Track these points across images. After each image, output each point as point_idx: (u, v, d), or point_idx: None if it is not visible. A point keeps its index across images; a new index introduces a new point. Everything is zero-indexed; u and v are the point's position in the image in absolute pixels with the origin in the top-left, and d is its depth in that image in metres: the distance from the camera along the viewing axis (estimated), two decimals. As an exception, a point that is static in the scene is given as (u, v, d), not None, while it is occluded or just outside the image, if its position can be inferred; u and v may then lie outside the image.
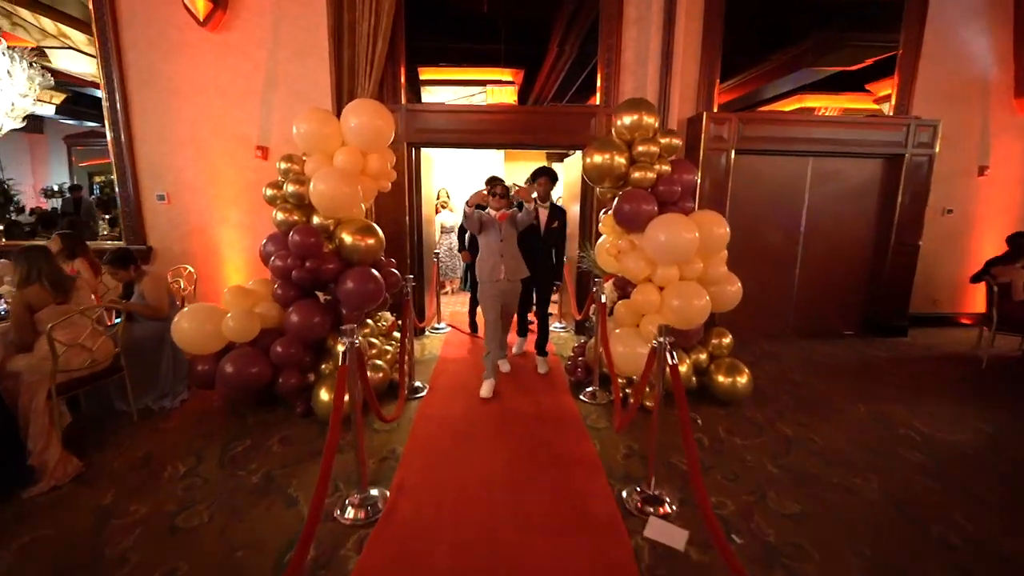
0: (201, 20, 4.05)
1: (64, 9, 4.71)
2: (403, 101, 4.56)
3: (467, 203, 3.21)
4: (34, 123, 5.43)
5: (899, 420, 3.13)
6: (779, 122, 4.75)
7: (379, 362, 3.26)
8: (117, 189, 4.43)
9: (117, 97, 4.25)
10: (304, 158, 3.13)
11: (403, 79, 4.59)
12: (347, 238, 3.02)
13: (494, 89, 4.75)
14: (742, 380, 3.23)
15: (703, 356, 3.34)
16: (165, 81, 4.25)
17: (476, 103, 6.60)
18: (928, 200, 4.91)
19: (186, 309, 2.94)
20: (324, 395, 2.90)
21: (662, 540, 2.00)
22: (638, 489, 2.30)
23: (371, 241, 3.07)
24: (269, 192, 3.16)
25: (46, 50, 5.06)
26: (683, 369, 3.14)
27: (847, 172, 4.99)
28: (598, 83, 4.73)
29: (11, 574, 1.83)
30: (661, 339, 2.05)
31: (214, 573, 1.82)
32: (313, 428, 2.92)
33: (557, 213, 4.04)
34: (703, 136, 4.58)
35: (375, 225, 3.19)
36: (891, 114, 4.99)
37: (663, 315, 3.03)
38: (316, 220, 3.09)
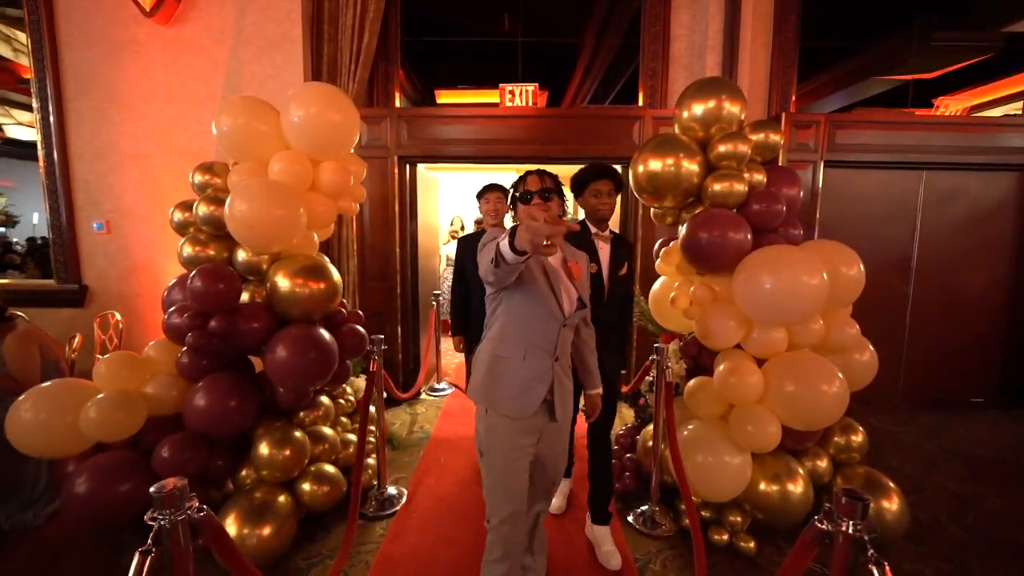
0: (147, 10, 3.28)
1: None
2: (396, 105, 3.66)
3: (519, 234, 1.11)
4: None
5: None
6: (882, 125, 3.62)
7: (328, 467, 2.19)
8: (48, 217, 3.62)
9: (51, 107, 3.49)
10: (231, 167, 2.19)
11: (398, 81, 3.71)
12: (282, 282, 2.03)
13: (511, 91, 3.85)
14: (892, 507, 2.01)
15: (822, 463, 2.15)
16: (105, 87, 3.48)
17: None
18: (1092, 226, 3.65)
19: (37, 387, 1.96)
20: (233, 529, 1.84)
21: None
22: None
23: (317, 286, 2.07)
24: (178, 216, 2.22)
25: None
26: (798, 490, 1.97)
27: (973, 189, 3.78)
28: (640, 83, 3.74)
29: None
30: (843, 524, 0.92)
31: None
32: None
33: (624, 250, 2.01)
34: (783, 145, 3.49)
35: (328, 264, 2.20)
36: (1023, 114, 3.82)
37: (771, 406, 1.89)
38: (242, 256, 2.11)
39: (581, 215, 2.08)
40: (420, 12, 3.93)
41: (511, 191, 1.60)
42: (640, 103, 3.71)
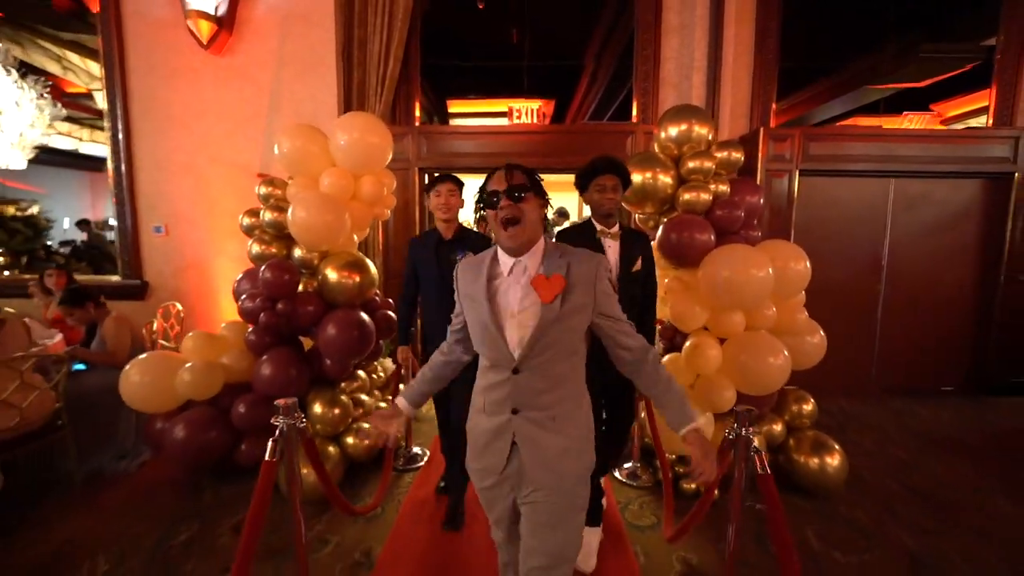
0: (204, 43, 3.80)
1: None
2: (416, 123, 4.15)
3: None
4: (96, 162, 5.39)
5: (1073, 529, 2.24)
6: (852, 138, 4.02)
7: (367, 425, 2.67)
8: (116, 222, 4.16)
9: (119, 125, 4.03)
10: (288, 181, 2.68)
11: (417, 100, 4.19)
12: (331, 274, 2.50)
13: (518, 111, 4.32)
14: (833, 462, 2.43)
15: (778, 427, 2.56)
16: (165, 107, 4.00)
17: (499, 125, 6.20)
18: (1049, 227, 4.01)
19: (139, 357, 2.46)
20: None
21: None
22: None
23: (359, 278, 2.54)
24: (247, 221, 2.72)
25: (94, 92, 5.03)
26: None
27: (939, 195, 4.16)
28: (634, 100, 4.18)
29: None
30: (741, 430, 1.37)
31: None
32: (277, 513, 2.32)
33: (637, 244, 1.91)
34: (760, 156, 3.91)
35: (367, 260, 2.67)
36: (989, 126, 4.18)
37: (727, 375, 2.32)
38: (298, 253, 2.60)
39: (587, 211, 1.96)
40: (435, 31, 4.39)
41: (478, 192, 1.20)
42: (633, 119, 4.15)
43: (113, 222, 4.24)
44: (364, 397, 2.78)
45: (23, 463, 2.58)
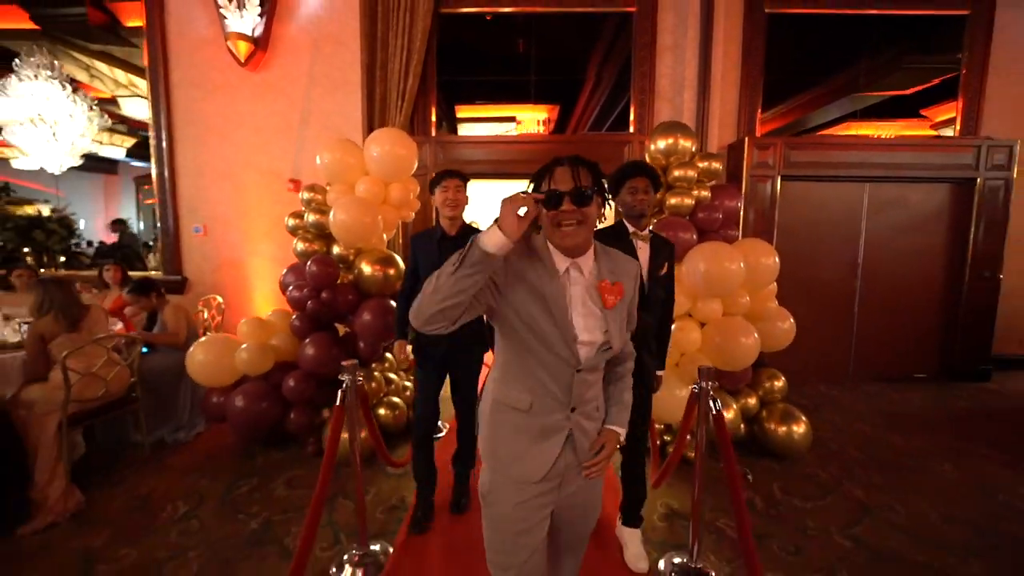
0: (242, 61, 4.21)
1: (134, 61, 5.03)
2: (433, 133, 4.56)
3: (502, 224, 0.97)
4: (109, 164, 5.81)
5: (1000, 486, 2.62)
6: (830, 146, 4.42)
7: (396, 399, 3.07)
8: (159, 223, 4.57)
9: (163, 135, 4.45)
10: (327, 188, 3.08)
11: (433, 113, 4.60)
12: (366, 268, 2.90)
13: (523, 118, 4.72)
14: (799, 429, 2.82)
15: (752, 401, 2.95)
16: (205, 119, 4.42)
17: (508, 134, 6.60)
18: (1008, 229, 4.39)
19: (201, 339, 2.87)
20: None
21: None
22: (676, 561, 1.96)
23: (391, 271, 2.94)
24: (291, 222, 3.12)
25: (118, 99, 5.45)
26: (729, 416, 2.78)
27: (909, 199, 4.55)
28: (631, 112, 4.58)
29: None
30: (702, 383, 1.76)
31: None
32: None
33: (665, 249, 1.94)
34: (745, 163, 4.31)
35: (396, 255, 3.08)
36: (957, 135, 4.57)
37: (705, 354, 2.71)
38: (336, 250, 3.00)
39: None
40: (447, 43, 4.76)
41: (530, 184, 1.12)
42: (631, 129, 4.55)
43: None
44: (392, 375, 3.18)
45: (101, 431, 3.00)
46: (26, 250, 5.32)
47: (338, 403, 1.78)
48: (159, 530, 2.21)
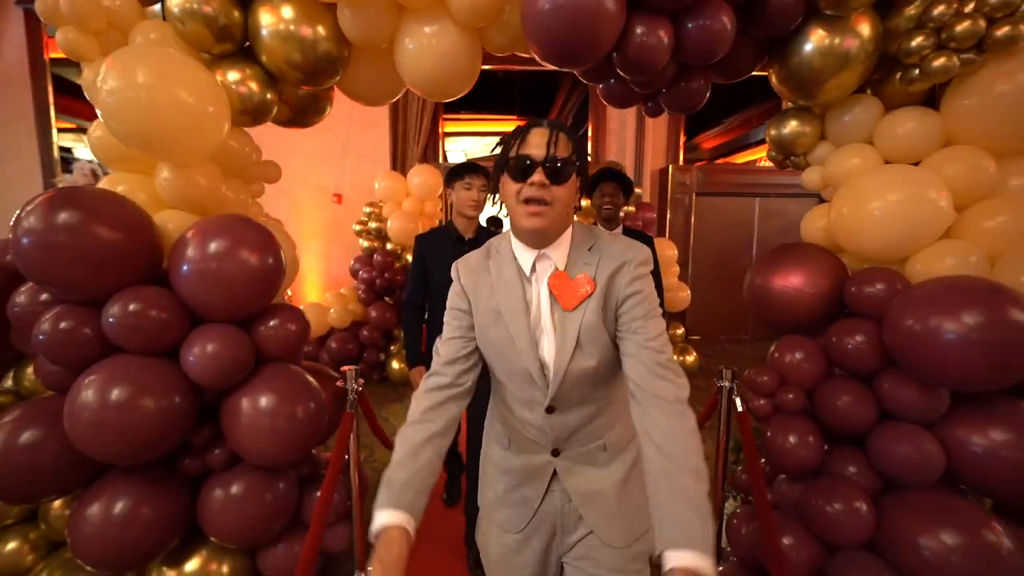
0: (299, 106, 5.61)
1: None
2: (440, 160, 6.06)
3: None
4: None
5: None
6: (729, 171, 6.15)
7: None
8: (228, 227, 5.91)
9: (233, 160, 5.79)
10: (381, 204, 4.56)
11: (442, 145, 6.11)
12: (409, 258, 4.39)
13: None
14: (690, 359, 4.47)
15: (663, 343, 4.58)
16: (267, 147, 5.75)
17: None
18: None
19: (302, 306, 4.30)
20: (395, 365, 4.21)
21: None
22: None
23: (426, 260, 4.44)
24: (357, 227, 4.58)
25: None
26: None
27: (788, 210, 6.32)
28: (590, 142, 6.19)
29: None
30: (726, 383, 1.76)
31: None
32: (384, 389, 4.20)
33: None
34: (670, 184, 5.97)
35: (428, 250, 4.58)
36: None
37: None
38: (388, 246, 4.48)
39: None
40: None
41: (499, 151, 0.91)
42: (589, 156, 6.16)
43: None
44: (426, 331, 4.69)
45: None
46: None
47: (348, 409, 1.66)
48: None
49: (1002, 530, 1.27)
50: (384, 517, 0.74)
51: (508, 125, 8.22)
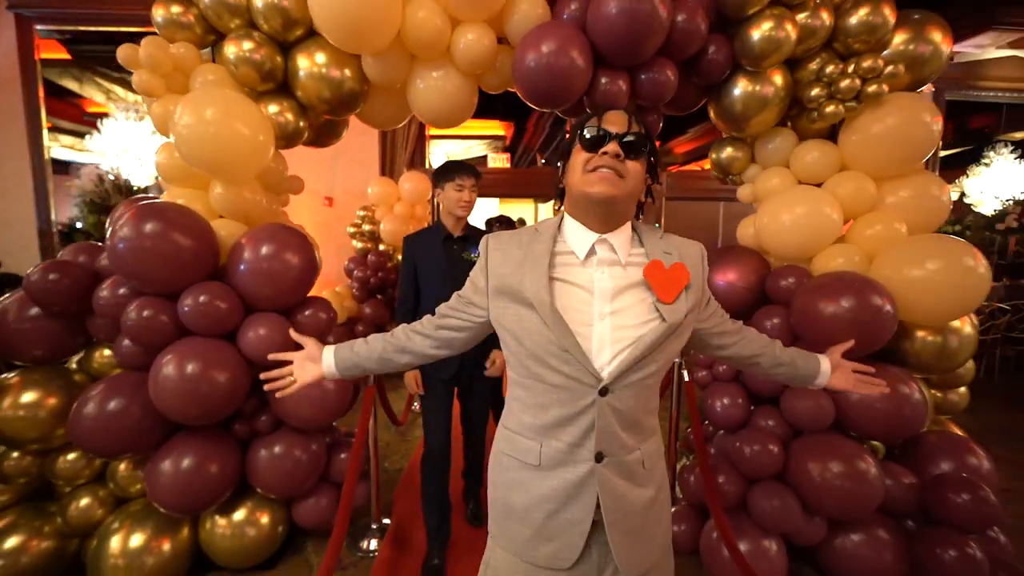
0: (291, 113, 5.87)
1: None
2: (427, 165, 6.40)
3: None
4: (64, 165, 7.12)
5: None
6: (696, 177, 6.66)
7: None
8: (221, 228, 6.13)
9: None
10: (374, 207, 4.88)
11: (428, 151, 6.44)
12: (400, 258, 4.72)
13: (494, 156, 6.59)
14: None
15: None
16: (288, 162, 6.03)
17: (477, 161, 8.50)
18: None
19: (300, 304, 4.59)
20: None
21: None
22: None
23: (417, 260, 4.78)
24: (351, 229, 4.88)
25: (118, 115, 6.87)
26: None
27: (749, 213, 6.85)
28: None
29: None
30: (677, 359, 2.04)
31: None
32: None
33: None
34: (642, 188, 6.43)
35: (419, 250, 4.92)
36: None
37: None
38: (381, 247, 4.80)
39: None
40: None
41: (571, 129, 0.94)
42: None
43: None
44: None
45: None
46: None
47: (371, 383, 2.07)
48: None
49: (872, 460, 1.71)
50: (328, 353, 1.03)
51: (489, 128, 8.61)
